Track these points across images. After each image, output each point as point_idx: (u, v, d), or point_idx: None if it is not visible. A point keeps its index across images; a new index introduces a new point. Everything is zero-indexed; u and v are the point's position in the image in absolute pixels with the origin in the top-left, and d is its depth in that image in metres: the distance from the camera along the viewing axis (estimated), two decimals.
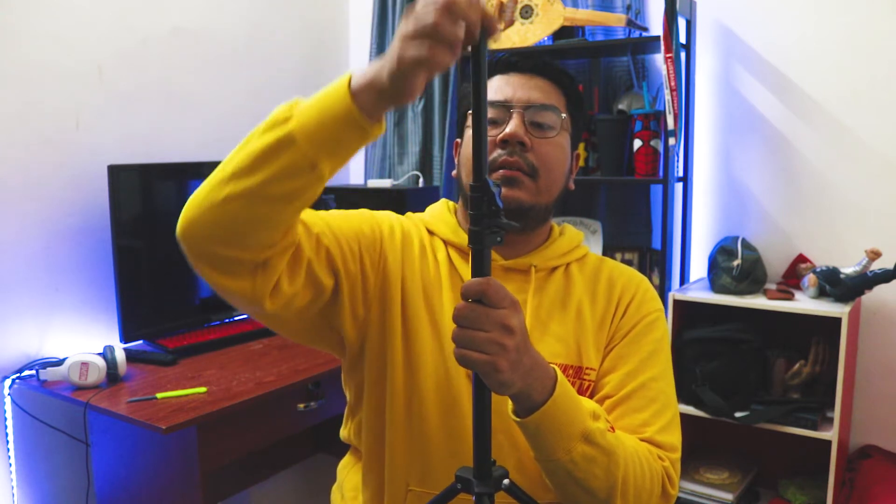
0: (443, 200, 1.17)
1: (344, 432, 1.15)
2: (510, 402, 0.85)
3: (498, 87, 1.05)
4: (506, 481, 0.80)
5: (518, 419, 0.84)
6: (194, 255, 0.85)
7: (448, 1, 0.68)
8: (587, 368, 1.03)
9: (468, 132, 1.05)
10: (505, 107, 1.02)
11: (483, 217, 0.75)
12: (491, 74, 1.07)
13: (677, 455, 0.98)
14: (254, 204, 0.79)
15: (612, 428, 0.90)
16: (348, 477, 1.15)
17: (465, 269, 1.05)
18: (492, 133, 1.01)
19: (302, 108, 0.78)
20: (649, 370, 1.02)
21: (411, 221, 1.12)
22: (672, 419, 1.01)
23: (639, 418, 0.98)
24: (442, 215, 1.13)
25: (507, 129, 1.00)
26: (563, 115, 1.05)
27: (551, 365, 0.86)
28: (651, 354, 1.04)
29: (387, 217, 1.09)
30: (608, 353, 1.05)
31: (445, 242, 1.09)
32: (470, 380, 0.99)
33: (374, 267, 1.02)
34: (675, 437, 0.99)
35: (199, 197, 0.82)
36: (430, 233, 1.11)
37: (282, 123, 0.77)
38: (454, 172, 1.12)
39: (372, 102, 0.74)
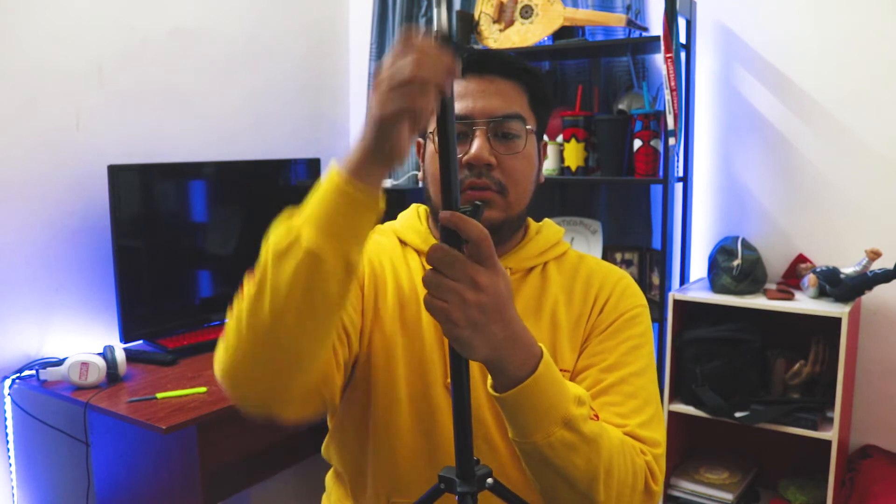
0: (413, 206, 1.15)
1: (325, 451, 1.14)
2: (489, 379, 0.81)
3: (456, 96, 0.99)
4: (489, 480, 0.79)
5: (495, 394, 0.80)
6: (252, 403, 0.83)
7: (418, 54, 0.69)
8: (561, 370, 0.98)
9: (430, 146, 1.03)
10: (466, 123, 0.99)
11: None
12: None
13: (660, 451, 0.94)
14: (300, 320, 0.76)
15: (597, 416, 0.86)
16: (335, 487, 1.15)
17: None
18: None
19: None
20: (629, 365, 0.98)
21: (382, 235, 1.10)
22: (654, 415, 0.97)
23: (616, 412, 0.94)
24: (412, 224, 1.11)
25: (472, 152, 0.97)
26: (528, 123, 1.02)
27: (540, 345, 0.82)
28: (631, 350, 1.00)
29: None
30: (584, 351, 1.02)
31: (417, 252, 1.08)
32: (447, 390, 0.99)
33: (364, 312, 1.02)
34: (657, 433, 0.95)
35: (240, 340, 0.79)
36: (402, 242, 1.09)
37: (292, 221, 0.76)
38: (420, 175, 1.09)
39: (358, 163, 0.73)
